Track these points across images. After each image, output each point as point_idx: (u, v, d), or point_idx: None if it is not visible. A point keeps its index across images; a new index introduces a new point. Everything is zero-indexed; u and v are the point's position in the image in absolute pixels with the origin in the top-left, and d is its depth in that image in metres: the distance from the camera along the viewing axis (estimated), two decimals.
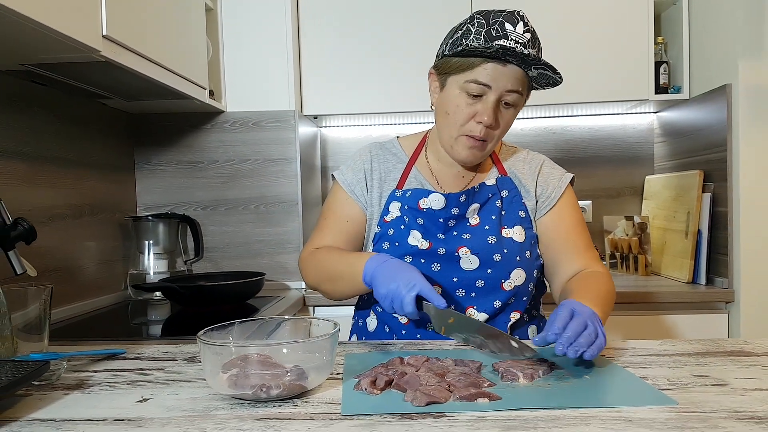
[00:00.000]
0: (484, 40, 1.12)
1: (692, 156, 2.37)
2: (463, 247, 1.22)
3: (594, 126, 2.76)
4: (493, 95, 1.15)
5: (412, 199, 1.26)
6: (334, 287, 1.24)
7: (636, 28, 2.36)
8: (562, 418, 0.75)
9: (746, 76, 2.03)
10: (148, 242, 2.15)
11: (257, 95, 2.30)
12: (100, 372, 1.02)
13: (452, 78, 1.18)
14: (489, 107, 1.15)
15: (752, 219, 2.05)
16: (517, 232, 1.24)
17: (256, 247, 2.32)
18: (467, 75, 1.15)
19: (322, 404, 0.83)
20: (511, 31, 1.11)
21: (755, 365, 0.97)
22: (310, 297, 2.15)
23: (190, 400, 0.86)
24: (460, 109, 1.18)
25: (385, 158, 1.35)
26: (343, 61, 2.39)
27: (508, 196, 1.27)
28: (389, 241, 1.26)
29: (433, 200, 1.25)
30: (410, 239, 1.24)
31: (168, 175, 2.33)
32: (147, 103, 2.12)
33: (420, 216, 1.25)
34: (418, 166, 1.33)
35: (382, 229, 1.28)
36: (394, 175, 1.32)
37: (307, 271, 1.30)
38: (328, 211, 1.34)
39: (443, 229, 1.25)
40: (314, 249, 1.30)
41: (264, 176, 2.31)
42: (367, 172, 1.32)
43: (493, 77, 1.13)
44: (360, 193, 1.31)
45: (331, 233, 1.31)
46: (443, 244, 1.23)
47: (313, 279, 1.29)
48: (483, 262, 1.21)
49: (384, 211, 1.29)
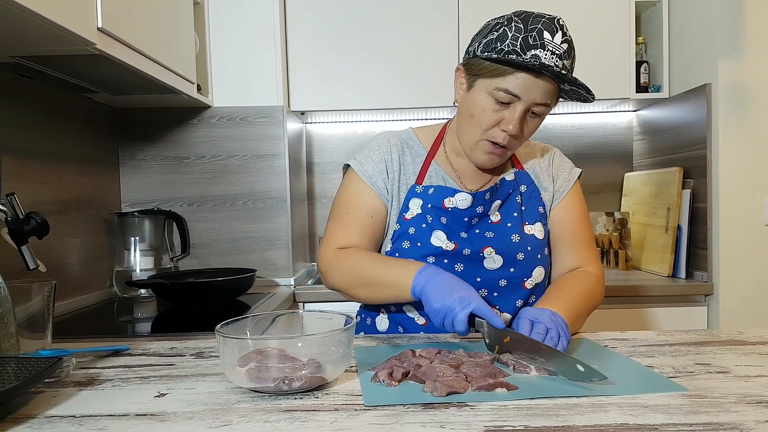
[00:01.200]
0: (521, 48, 1.07)
1: (671, 153, 2.44)
2: (488, 247, 1.20)
3: (575, 124, 2.82)
4: (522, 105, 1.11)
5: (435, 197, 1.22)
6: (371, 293, 1.18)
7: (618, 29, 2.42)
8: (581, 406, 0.77)
9: (725, 75, 2.10)
10: (134, 239, 2.12)
11: (244, 90, 2.28)
12: (108, 368, 1.01)
13: (481, 81, 1.13)
14: (516, 117, 1.12)
15: (731, 214, 2.11)
16: (538, 229, 1.24)
17: (244, 243, 2.30)
18: (498, 82, 1.10)
19: (343, 396, 0.84)
20: (549, 41, 1.07)
21: (752, 353, 1.01)
22: (300, 293, 2.15)
23: (208, 394, 0.86)
24: (486, 114, 1.14)
25: (404, 150, 1.28)
26: (330, 57, 2.39)
27: (526, 191, 1.26)
28: (410, 241, 1.21)
29: (460, 199, 1.21)
30: (434, 240, 1.20)
31: (153, 171, 2.30)
32: (132, 97, 2.09)
33: (444, 215, 1.22)
34: (438, 160, 1.28)
35: (402, 226, 1.23)
36: (413, 169, 1.27)
37: (333, 273, 1.21)
38: (347, 204, 1.25)
39: (466, 228, 1.22)
40: (339, 249, 1.22)
41: (252, 172, 2.30)
42: (387, 163, 1.25)
43: (525, 88, 1.09)
44: (382, 185, 1.24)
45: (355, 231, 1.23)
46: (468, 245, 1.20)
47: (342, 282, 1.21)
48: (506, 261, 1.20)
49: (403, 208, 1.24)
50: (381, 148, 1.27)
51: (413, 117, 2.69)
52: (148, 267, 2.11)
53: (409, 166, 1.27)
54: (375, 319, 1.30)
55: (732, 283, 2.12)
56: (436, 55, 2.39)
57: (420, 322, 1.24)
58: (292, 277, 2.28)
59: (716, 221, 2.14)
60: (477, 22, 2.33)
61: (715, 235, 2.15)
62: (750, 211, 2.11)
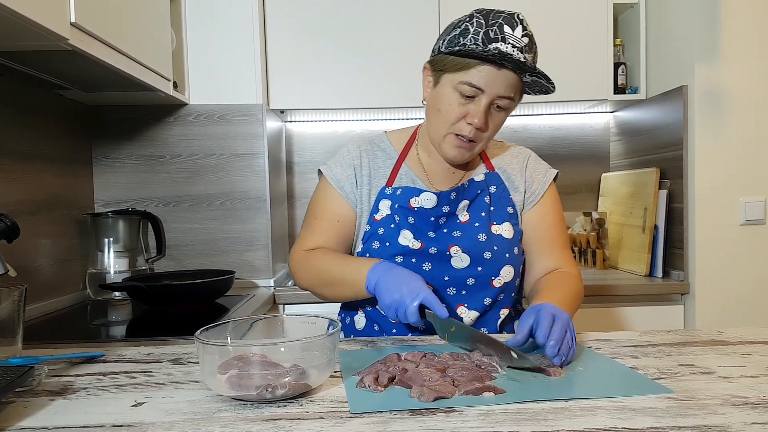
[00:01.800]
0: (482, 42, 1.11)
1: (648, 154, 2.46)
2: (454, 245, 1.22)
3: (554, 125, 2.83)
4: (486, 98, 1.14)
5: (402, 198, 1.25)
6: (333, 292, 1.23)
7: (596, 30, 2.43)
8: (569, 409, 0.77)
9: (702, 78, 2.12)
10: (108, 240, 2.07)
11: (222, 88, 2.24)
12: (82, 376, 0.98)
13: (446, 76, 1.17)
14: (480, 110, 1.15)
15: (707, 214, 2.14)
16: (506, 229, 1.25)
17: (222, 244, 2.27)
18: (461, 76, 1.14)
19: (328, 403, 0.82)
20: (510, 35, 1.10)
21: (734, 353, 1.01)
22: (281, 295, 2.12)
23: (188, 403, 0.83)
24: (451, 108, 1.17)
25: (374, 154, 1.32)
26: (311, 55, 2.36)
27: (496, 192, 1.28)
28: (379, 241, 1.25)
29: (425, 199, 1.24)
30: (401, 239, 1.23)
31: (128, 170, 2.25)
32: (106, 94, 2.04)
33: (411, 215, 1.24)
34: (409, 162, 1.31)
35: (372, 227, 1.26)
36: (384, 172, 1.30)
37: (301, 273, 1.28)
38: (317, 209, 1.31)
39: (434, 227, 1.25)
40: (307, 251, 1.27)
41: (230, 171, 2.26)
42: (356, 168, 1.30)
43: (488, 81, 1.12)
44: (350, 189, 1.29)
45: (322, 234, 1.28)
46: (435, 244, 1.22)
47: (308, 282, 1.27)
48: (474, 259, 1.22)
49: (374, 209, 1.27)
50: (350, 153, 1.32)
51: (394, 117, 2.67)
52: (123, 269, 2.07)
53: (380, 170, 1.31)
54: (354, 318, 1.33)
55: (708, 283, 2.14)
56: (417, 55, 2.36)
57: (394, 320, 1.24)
58: (271, 279, 2.25)
59: (692, 221, 2.16)
60: None
61: (691, 235, 2.17)
62: (725, 212, 2.13)
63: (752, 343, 1.07)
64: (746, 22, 2.10)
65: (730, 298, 2.14)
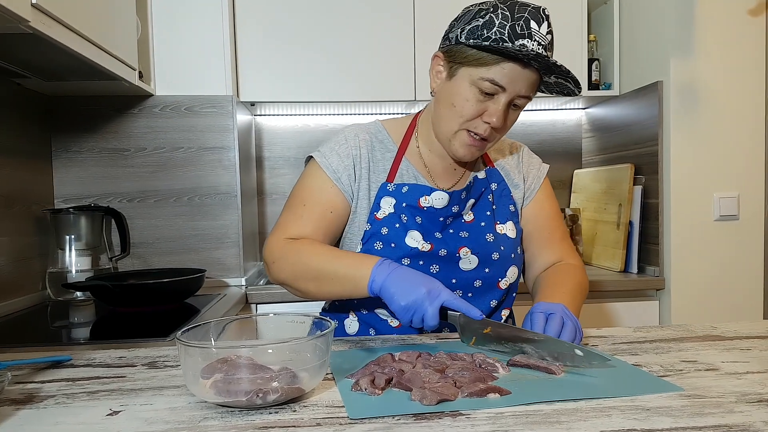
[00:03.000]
0: (508, 37, 1.02)
1: (621, 150, 2.47)
2: (464, 247, 1.16)
3: (526, 121, 2.82)
4: (506, 97, 1.06)
5: (410, 196, 1.17)
6: (319, 288, 1.10)
7: (570, 26, 2.42)
8: (582, 410, 0.73)
9: (677, 73, 2.13)
10: (69, 237, 1.96)
11: (189, 79, 2.15)
12: (49, 383, 0.90)
13: (465, 69, 1.07)
14: (500, 109, 1.07)
15: (682, 210, 2.15)
16: (510, 228, 1.21)
17: (190, 242, 2.17)
18: (483, 71, 1.05)
19: (323, 408, 0.76)
20: (536, 31, 1.02)
21: (734, 349, 0.99)
22: (253, 294, 2.04)
23: (169, 411, 0.77)
24: (468, 105, 1.08)
25: (373, 145, 1.22)
26: (282, 46, 2.28)
27: (497, 189, 1.23)
28: (383, 242, 1.15)
29: (436, 198, 1.16)
30: (408, 240, 1.15)
31: (90, 164, 2.14)
32: (67, 84, 1.93)
33: (419, 215, 1.16)
34: (409, 157, 1.22)
35: (374, 226, 1.16)
36: (384, 166, 1.20)
37: (280, 264, 1.12)
38: (307, 196, 1.17)
39: (441, 228, 1.18)
40: (289, 239, 1.14)
41: (199, 165, 2.17)
42: (356, 159, 1.18)
43: (511, 79, 1.04)
44: (347, 182, 1.18)
45: (310, 223, 1.15)
46: (444, 245, 1.15)
47: (289, 274, 1.12)
48: (482, 261, 1.17)
49: (374, 207, 1.18)
50: (349, 142, 1.20)
51: (367, 111, 2.61)
52: (85, 268, 1.96)
53: (379, 163, 1.21)
54: (343, 322, 1.24)
55: (683, 278, 2.15)
56: (391, 50, 2.33)
57: (393, 324, 1.19)
58: (243, 277, 2.17)
59: (667, 217, 2.17)
60: (432, 17, 2.31)
61: (666, 231, 2.18)
62: (700, 207, 2.15)
63: (749, 338, 1.06)
64: (720, 17, 2.11)
65: (704, 294, 2.16)
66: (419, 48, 2.33)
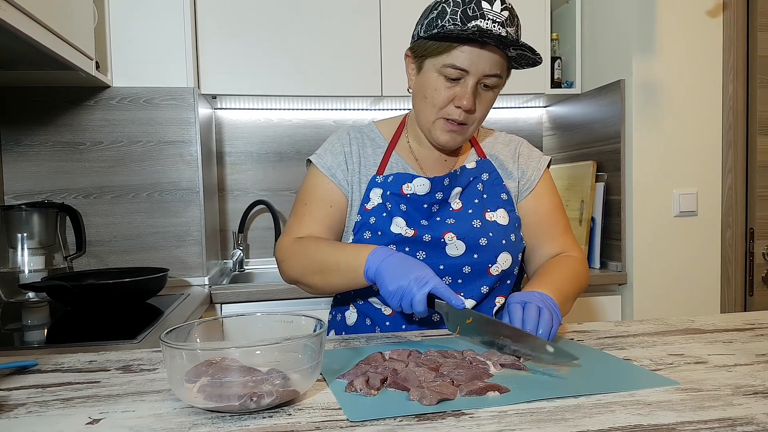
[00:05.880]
0: (461, 21, 1.06)
1: (583, 148, 2.51)
2: (448, 232, 1.17)
3: (489, 119, 2.81)
4: (472, 79, 1.10)
5: (394, 185, 1.20)
6: (325, 280, 1.13)
7: (534, 25, 2.43)
8: (584, 407, 0.72)
9: (639, 72, 2.17)
10: (21, 236, 1.86)
11: (148, 70, 2.07)
12: (17, 390, 0.83)
13: (429, 61, 1.13)
14: (468, 91, 1.11)
15: (643, 206, 2.20)
16: (501, 215, 1.21)
17: (150, 239, 2.09)
18: (444, 58, 1.10)
19: (320, 411, 0.73)
20: (488, 10, 1.06)
21: (716, 341, 1.01)
22: (217, 294, 1.98)
23: (154, 418, 0.72)
24: (438, 93, 1.12)
25: (364, 142, 1.27)
26: (245, 38, 2.22)
27: (488, 179, 1.24)
28: (371, 230, 1.19)
29: (418, 185, 1.19)
30: (393, 227, 1.18)
31: (43, 158, 2.03)
32: (18, 73, 1.82)
33: (403, 202, 1.20)
34: (399, 151, 1.26)
35: (363, 217, 1.20)
36: (374, 160, 1.25)
37: (290, 262, 1.18)
38: (308, 196, 1.24)
39: (427, 215, 1.20)
40: (297, 238, 1.19)
41: (158, 160, 2.09)
42: (347, 155, 1.24)
43: (471, 61, 1.08)
44: (341, 176, 1.23)
45: (314, 221, 1.21)
46: (428, 231, 1.17)
47: (298, 271, 1.17)
48: (469, 247, 1.17)
49: (364, 199, 1.21)
50: (341, 140, 1.27)
51: (332, 106, 2.57)
52: (39, 267, 1.86)
53: (370, 158, 1.25)
54: (344, 314, 1.27)
55: (645, 273, 2.20)
56: (357, 44, 2.29)
57: (387, 312, 1.20)
58: (206, 276, 2.10)
59: (629, 213, 2.21)
60: (399, 12, 2.28)
61: (628, 227, 2.23)
62: (661, 204, 2.20)
63: (727, 331, 1.08)
64: (680, 18, 2.17)
65: (665, 288, 2.21)
66: (386, 43, 2.30)
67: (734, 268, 2.24)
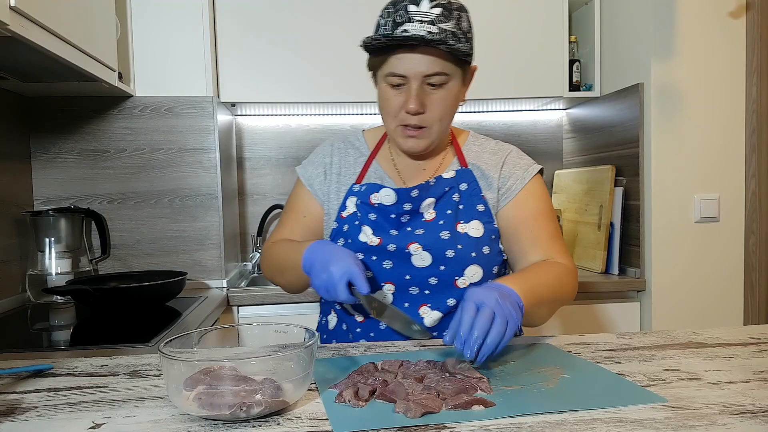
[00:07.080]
0: (391, 29, 1.09)
1: (603, 151, 2.49)
2: (414, 243, 1.18)
3: (507, 122, 2.83)
4: (414, 82, 1.11)
5: (364, 194, 1.23)
6: (284, 279, 1.24)
7: (552, 27, 2.43)
8: (566, 423, 0.73)
9: (658, 75, 2.15)
10: (49, 240, 1.93)
11: (169, 79, 2.13)
12: (30, 393, 0.88)
13: (378, 73, 1.17)
14: (412, 95, 1.12)
15: (663, 211, 2.17)
16: (474, 227, 1.19)
17: (171, 243, 2.15)
18: (385, 68, 1.13)
19: (307, 421, 0.76)
20: (415, 12, 1.07)
21: (716, 357, 1.00)
22: (234, 296, 2.03)
23: (152, 423, 0.76)
24: (389, 102, 1.16)
25: (347, 152, 1.31)
26: (262, 46, 2.27)
27: (466, 190, 1.22)
28: (344, 238, 1.23)
29: (384, 195, 1.22)
30: (361, 236, 1.21)
31: (69, 166, 2.11)
32: (46, 85, 1.90)
33: (372, 211, 1.22)
34: (380, 160, 1.29)
35: (339, 225, 1.25)
36: (354, 170, 1.29)
37: (264, 264, 1.31)
38: (289, 205, 1.35)
39: (396, 225, 1.21)
40: (272, 242, 1.29)
41: (179, 167, 2.15)
42: (327, 166, 1.30)
43: (406, 66, 1.10)
44: (318, 186, 1.29)
45: (287, 227, 1.31)
46: (394, 241, 1.19)
47: (268, 272, 1.30)
48: (435, 258, 1.17)
49: (342, 207, 1.26)
50: (323, 152, 1.33)
51: (349, 111, 2.61)
52: (65, 270, 1.93)
53: (351, 168, 1.30)
54: (327, 318, 1.31)
55: (664, 280, 2.18)
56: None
57: (359, 319, 1.23)
58: (224, 279, 2.16)
59: (648, 218, 2.19)
60: None
61: (647, 232, 2.20)
62: (681, 209, 2.17)
63: (731, 345, 1.07)
64: (701, 19, 2.14)
65: (685, 296, 2.18)
66: None
67: (758, 276, 2.20)
